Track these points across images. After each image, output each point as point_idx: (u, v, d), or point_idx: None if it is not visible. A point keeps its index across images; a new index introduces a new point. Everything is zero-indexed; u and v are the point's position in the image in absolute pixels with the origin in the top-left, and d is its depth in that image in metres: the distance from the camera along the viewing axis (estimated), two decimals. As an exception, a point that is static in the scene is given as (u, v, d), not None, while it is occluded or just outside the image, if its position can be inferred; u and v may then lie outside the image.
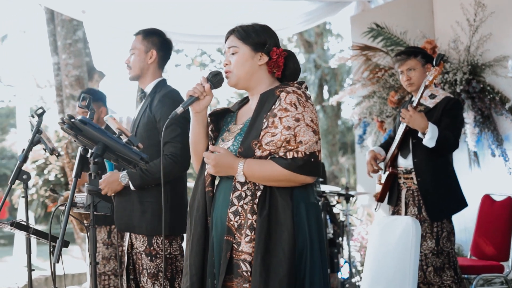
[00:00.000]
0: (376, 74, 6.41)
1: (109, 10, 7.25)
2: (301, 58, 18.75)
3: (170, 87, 3.88)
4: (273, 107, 2.70)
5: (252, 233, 2.62)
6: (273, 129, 2.65)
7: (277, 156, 2.65)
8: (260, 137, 2.67)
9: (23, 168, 3.63)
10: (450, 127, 4.34)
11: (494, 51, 5.61)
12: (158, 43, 3.94)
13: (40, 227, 12.21)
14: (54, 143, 7.28)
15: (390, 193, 4.63)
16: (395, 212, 4.59)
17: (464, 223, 5.82)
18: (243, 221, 2.66)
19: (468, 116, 5.54)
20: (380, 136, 6.53)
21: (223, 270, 2.66)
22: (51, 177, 8.50)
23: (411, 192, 4.46)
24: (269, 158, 2.66)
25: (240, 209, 2.68)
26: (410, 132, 4.44)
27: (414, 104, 4.32)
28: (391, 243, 3.39)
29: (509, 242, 4.84)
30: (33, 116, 3.75)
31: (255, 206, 2.65)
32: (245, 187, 2.69)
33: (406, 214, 4.49)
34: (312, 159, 2.66)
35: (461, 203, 4.45)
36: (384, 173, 4.63)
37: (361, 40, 6.60)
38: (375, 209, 4.79)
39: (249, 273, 2.62)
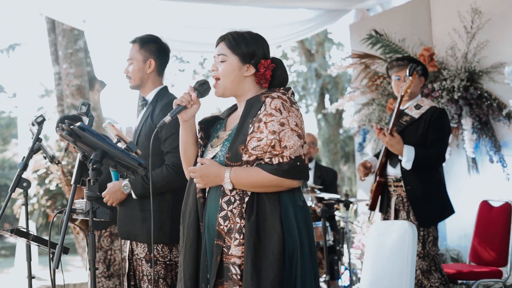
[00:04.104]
0: (375, 82, 6.45)
1: (109, 19, 7.27)
2: (302, 67, 18.78)
3: (171, 95, 3.87)
4: (259, 112, 2.74)
5: (241, 237, 2.67)
6: (258, 134, 2.68)
7: (263, 163, 2.69)
8: (247, 142, 2.70)
9: (23, 176, 3.65)
10: (436, 143, 4.50)
11: (491, 58, 5.65)
12: (156, 51, 3.93)
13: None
14: (56, 152, 7.32)
15: (381, 200, 4.73)
16: (386, 219, 4.70)
17: (463, 229, 5.85)
18: (232, 225, 2.70)
19: (466, 123, 5.58)
20: (379, 143, 6.55)
21: (213, 274, 2.71)
22: (52, 187, 8.53)
23: (401, 199, 4.59)
24: (255, 164, 2.70)
25: (229, 213, 2.72)
26: None
27: (393, 118, 4.50)
28: (388, 248, 3.41)
29: (507, 248, 4.85)
30: (33, 124, 3.77)
31: (243, 210, 2.69)
32: (234, 192, 2.74)
33: (396, 219, 4.59)
34: (298, 163, 2.69)
35: (448, 210, 4.62)
36: (375, 181, 4.71)
37: (360, 48, 6.64)
38: (369, 218, 4.89)
39: (238, 276, 2.66)
